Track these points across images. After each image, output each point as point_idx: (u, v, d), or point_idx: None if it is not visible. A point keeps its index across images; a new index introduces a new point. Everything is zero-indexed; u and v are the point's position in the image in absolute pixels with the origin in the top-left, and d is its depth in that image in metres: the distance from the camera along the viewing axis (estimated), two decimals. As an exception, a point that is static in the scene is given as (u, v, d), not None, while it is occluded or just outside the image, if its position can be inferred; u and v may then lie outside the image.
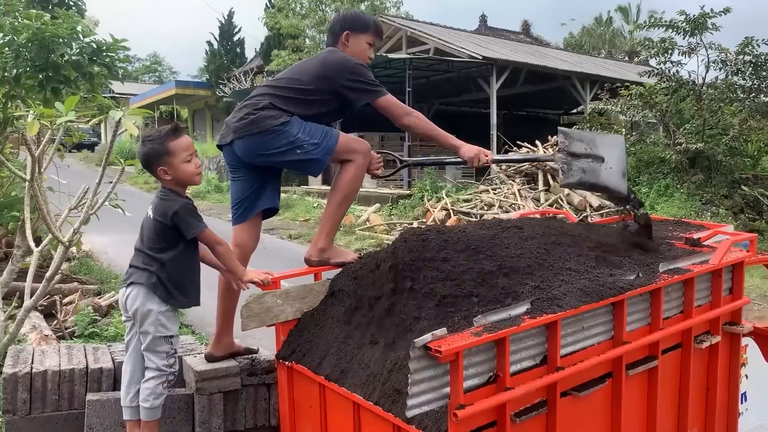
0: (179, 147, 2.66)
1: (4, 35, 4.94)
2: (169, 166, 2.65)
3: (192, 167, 2.69)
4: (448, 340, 1.88)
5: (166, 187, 2.70)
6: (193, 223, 2.62)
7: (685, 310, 2.68)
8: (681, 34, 12.96)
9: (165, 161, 2.64)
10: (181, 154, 2.66)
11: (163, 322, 2.61)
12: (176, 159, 2.65)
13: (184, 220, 2.60)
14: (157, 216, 2.65)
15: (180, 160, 2.65)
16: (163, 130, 2.70)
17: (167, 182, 2.69)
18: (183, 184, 2.72)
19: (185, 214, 2.61)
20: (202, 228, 2.64)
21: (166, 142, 2.64)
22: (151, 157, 2.66)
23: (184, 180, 2.70)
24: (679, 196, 12.31)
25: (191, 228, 2.60)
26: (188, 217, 2.61)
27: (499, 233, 2.59)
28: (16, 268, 5.42)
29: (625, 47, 37.30)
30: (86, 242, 9.71)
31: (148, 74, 57.78)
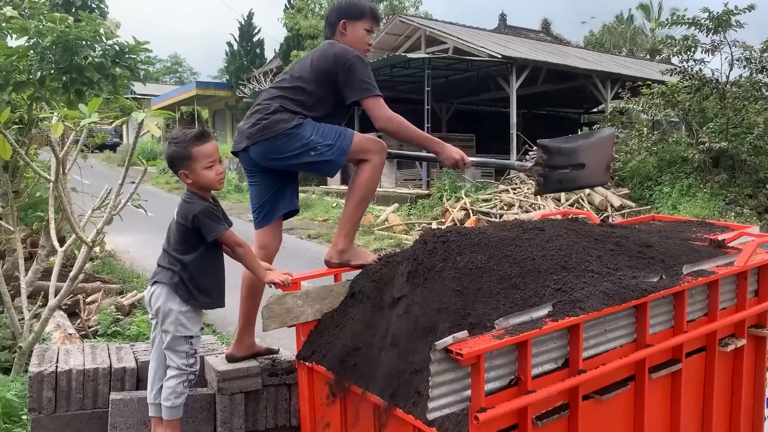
0: (201, 153, 2.68)
1: (29, 38, 5.01)
2: (190, 170, 2.68)
3: (212, 174, 2.71)
4: (470, 342, 1.88)
5: (189, 190, 2.74)
6: (213, 226, 2.65)
7: (709, 313, 2.64)
8: (704, 31, 12.79)
9: (187, 165, 2.68)
10: (203, 161, 2.68)
11: (183, 321, 2.64)
12: (197, 164, 2.68)
13: (204, 223, 2.63)
14: (180, 219, 2.69)
15: (201, 166, 2.68)
16: (188, 134, 2.74)
17: (189, 185, 2.73)
18: (204, 188, 2.75)
19: (205, 217, 2.64)
20: (222, 230, 2.67)
21: (189, 147, 2.68)
22: (175, 160, 2.71)
23: (204, 185, 2.72)
24: (702, 195, 12.15)
25: (211, 231, 2.64)
26: (208, 220, 2.64)
27: (520, 235, 2.57)
28: (41, 268, 5.51)
29: (647, 45, 36.90)
30: (109, 242, 9.83)
31: (169, 75, 58.33)
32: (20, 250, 5.32)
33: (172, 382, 2.64)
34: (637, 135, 14.07)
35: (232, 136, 32.26)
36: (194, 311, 2.72)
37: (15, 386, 3.92)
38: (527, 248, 2.46)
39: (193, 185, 2.71)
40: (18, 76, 5.04)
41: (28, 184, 7.50)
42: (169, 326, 2.67)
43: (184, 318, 2.66)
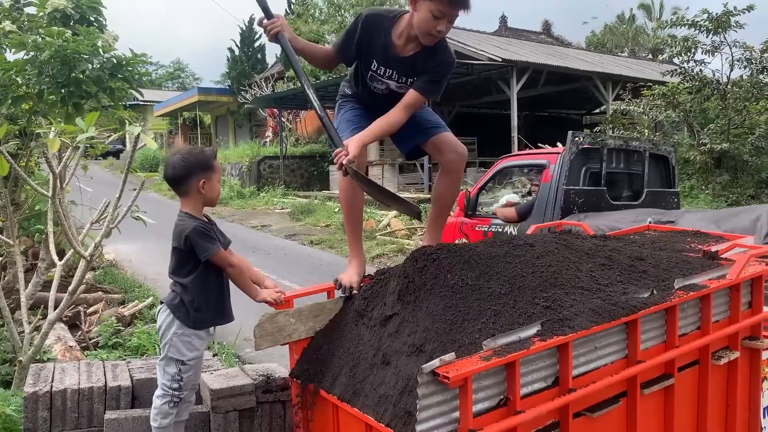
0: (218, 169, 2.80)
1: (27, 52, 5.04)
2: (208, 180, 2.74)
3: (219, 189, 2.82)
4: (457, 365, 1.88)
5: (182, 211, 2.74)
6: (205, 246, 2.65)
7: (702, 326, 2.64)
8: (704, 32, 12.77)
9: (207, 175, 2.73)
10: (218, 175, 2.79)
11: (176, 344, 2.65)
12: (215, 177, 2.76)
13: (196, 242, 2.64)
14: (173, 242, 2.71)
15: (217, 179, 2.78)
16: (207, 149, 2.85)
17: (193, 199, 2.74)
18: (209, 202, 2.79)
19: (196, 236, 2.64)
20: (214, 250, 2.67)
21: (212, 160, 2.78)
22: (196, 167, 2.72)
23: (212, 198, 2.78)
24: (705, 197, 12.13)
25: (204, 250, 2.64)
26: (200, 240, 2.65)
27: (511, 251, 2.57)
28: (41, 281, 5.53)
29: (649, 45, 36.84)
30: (110, 251, 9.87)
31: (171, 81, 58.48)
32: (20, 263, 5.35)
33: (158, 401, 2.66)
34: (639, 136, 14.03)
35: (235, 141, 32.38)
36: (193, 335, 2.71)
37: (15, 401, 3.93)
38: (517, 265, 2.46)
39: (200, 198, 2.74)
40: (16, 90, 5.07)
41: (29, 195, 7.54)
42: (164, 345, 2.70)
43: (179, 341, 2.66)
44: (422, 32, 2.78)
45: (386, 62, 2.96)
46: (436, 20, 2.71)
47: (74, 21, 5.98)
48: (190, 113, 34.45)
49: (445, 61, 2.95)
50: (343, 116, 3.15)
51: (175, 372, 2.66)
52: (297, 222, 16.30)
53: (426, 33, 2.77)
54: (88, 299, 7.30)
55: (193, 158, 2.72)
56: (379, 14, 2.95)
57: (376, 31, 2.91)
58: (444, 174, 3.16)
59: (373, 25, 2.91)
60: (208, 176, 2.73)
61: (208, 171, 2.73)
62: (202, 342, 2.73)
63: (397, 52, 2.92)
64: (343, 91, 3.27)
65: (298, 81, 2.99)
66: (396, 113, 2.87)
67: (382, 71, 2.98)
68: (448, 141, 3.07)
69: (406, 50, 2.92)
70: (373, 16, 2.94)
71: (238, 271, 2.73)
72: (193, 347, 2.69)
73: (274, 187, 22.35)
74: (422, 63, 2.92)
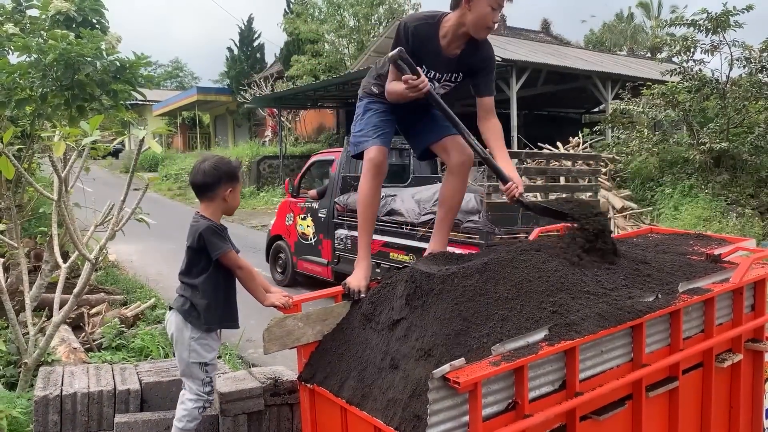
0: (241, 181, 2.94)
1: (30, 55, 5.05)
2: (234, 190, 2.83)
3: (239, 200, 2.92)
4: (467, 370, 1.91)
5: (199, 214, 2.81)
6: (217, 244, 2.71)
7: (705, 330, 2.67)
8: (703, 32, 12.79)
9: (233, 185, 2.83)
10: (240, 186, 2.90)
11: (195, 348, 2.69)
12: (238, 187, 2.87)
13: (209, 240, 2.69)
14: (187, 241, 2.76)
15: (239, 190, 2.88)
16: (234, 160, 2.99)
17: (215, 205, 2.81)
18: (228, 210, 2.88)
19: (209, 235, 2.70)
20: (226, 249, 2.73)
21: (239, 171, 2.89)
22: (225, 176, 2.81)
23: (233, 207, 2.87)
24: (704, 196, 12.14)
25: (216, 249, 2.70)
26: (212, 238, 2.71)
27: (517, 256, 2.60)
28: (45, 283, 5.55)
29: (647, 43, 36.87)
30: (112, 251, 9.87)
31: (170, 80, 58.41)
32: (24, 266, 5.36)
33: (190, 405, 2.69)
34: (638, 136, 14.06)
35: (234, 141, 32.35)
36: (208, 337, 2.76)
37: (21, 402, 3.95)
38: (523, 270, 2.49)
39: (223, 204, 2.83)
40: (20, 93, 5.08)
41: (32, 198, 7.56)
42: (183, 353, 2.73)
43: (197, 344, 2.71)
44: (480, 27, 2.89)
45: (435, 66, 3.04)
46: (494, 12, 2.84)
47: (77, 23, 6.00)
48: (189, 113, 34.43)
49: (490, 56, 3.10)
50: (370, 119, 3.15)
51: (204, 375, 2.71)
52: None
53: (484, 27, 2.89)
54: (91, 300, 7.31)
55: (224, 167, 2.81)
56: (425, 22, 2.98)
57: (426, 39, 2.96)
58: (451, 176, 3.20)
59: (422, 34, 2.96)
60: (234, 186, 2.83)
61: (234, 181, 2.83)
62: (216, 342, 2.79)
63: (445, 54, 3.01)
64: (370, 89, 3.26)
65: (456, 130, 3.01)
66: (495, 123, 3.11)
67: (432, 74, 3.05)
68: (456, 143, 3.11)
69: (451, 50, 3.00)
70: (420, 26, 2.97)
71: (247, 273, 2.77)
72: (210, 348, 2.75)
73: (274, 187, 22.34)
74: (467, 59, 3.03)
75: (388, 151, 3.17)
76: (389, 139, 3.16)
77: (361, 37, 24.99)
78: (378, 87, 3.20)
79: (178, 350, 2.73)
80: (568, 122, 24.35)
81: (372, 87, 3.24)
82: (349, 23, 25.00)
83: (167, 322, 2.81)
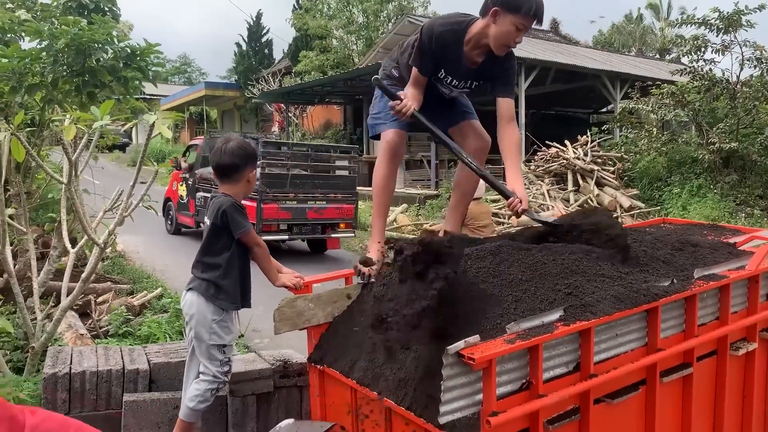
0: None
1: (42, 41, 5.05)
2: (253, 173, 2.87)
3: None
4: (481, 347, 1.89)
5: (220, 191, 2.83)
6: (241, 222, 2.73)
7: (720, 317, 2.64)
8: (714, 31, 12.72)
9: (255, 166, 2.90)
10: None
11: (215, 330, 2.69)
12: (257, 172, 2.91)
13: (232, 217, 2.70)
14: (209, 218, 2.77)
15: (257, 174, 2.83)
16: (251, 142, 3.12)
17: (239, 186, 2.82)
18: (249, 192, 2.94)
19: (233, 211, 2.71)
20: (249, 227, 2.76)
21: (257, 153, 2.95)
22: (252, 157, 2.85)
23: (251, 188, 2.94)
24: (713, 196, 12.09)
25: (239, 226, 2.71)
26: (236, 215, 2.72)
27: (531, 241, 2.57)
28: (53, 269, 5.55)
29: (656, 44, 36.73)
30: (119, 242, 9.89)
31: (178, 75, 58.52)
32: (32, 251, 5.36)
33: (203, 386, 2.68)
34: (647, 135, 14.01)
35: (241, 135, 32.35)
36: (228, 319, 2.77)
37: (28, 386, 3.95)
38: (538, 253, 2.46)
39: (246, 187, 2.86)
40: (31, 78, 5.08)
41: (40, 185, 7.57)
42: (203, 334, 2.72)
43: (218, 327, 2.72)
44: (501, 44, 2.83)
45: (455, 72, 3.00)
46: (518, 32, 2.78)
47: (89, 11, 6.01)
48: (196, 107, 34.49)
49: (511, 65, 3.01)
50: (388, 102, 3.11)
51: (222, 356, 2.71)
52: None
53: (504, 45, 2.84)
54: (98, 289, 7.33)
55: (249, 148, 2.85)
56: (451, 28, 2.92)
57: (450, 45, 2.92)
58: None
59: (447, 40, 2.91)
60: (255, 167, 2.88)
61: (256, 162, 2.88)
62: (234, 324, 2.79)
63: (467, 62, 2.96)
64: (390, 71, 3.22)
65: (444, 146, 3.02)
66: (514, 132, 2.99)
67: (449, 80, 3.02)
68: (474, 127, 3.09)
69: (473, 57, 2.95)
70: (445, 32, 2.91)
71: (265, 251, 2.78)
72: (229, 330, 2.76)
73: (281, 182, 22.33)
74: (489, 69, 2.98)
75: (407, 135, 3.15)
76: (407, 123, 3.13)
77: (370, 34, 24.99)
78: (397, 70, 3.18)
79: (198, 332, 2.71)
80: (577, 122, 24.29)
81: (392, 70, 3.21)
82: (357, 19, 24.99)
83: (185, 303, 2.78)
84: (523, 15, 2.74)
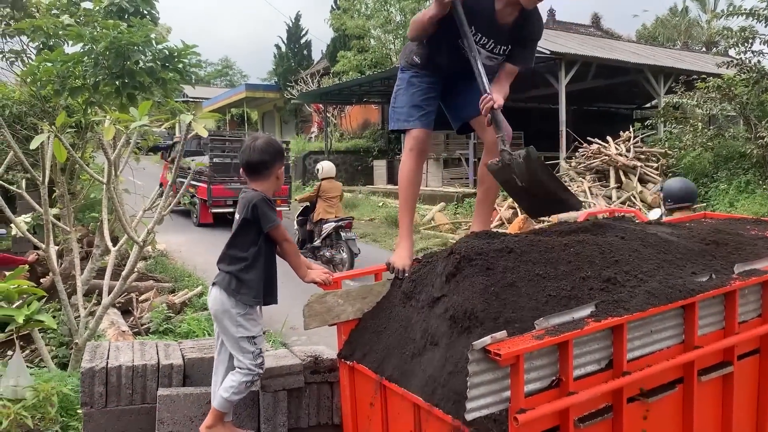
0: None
1: (84, 45, 5.18)
2: (282, 169, 2.92)
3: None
4: (508, 343, 1.86)
5: (249, 187, 2.86)
6: (271, 216, 2.75)
7: (763, 314, 2.54)
8: (763, 22, 12.30)
9: (283, 163, 2.93)
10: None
11: (241, 323, 2.72)
12: (283, 172, 2.94)
13: (263, 212, 2.72)
14: (239, 212, 2.80)
15: (283, 173, 2.95)
16: (278, 140, 3.13)
17: (269, 183, 2.86)
18: (278, 189, 2.98)
19: (263, 206, 2.73)
20: (278, 222, 2.78)
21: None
22: (280, 154, 2.89)
23: (278, 187, 2.96)
24: (762, 192, 11.69)
25: (269, 220, 2.73)
26: (267, 209, 2.74)
27: (565, 236, 2.52)
28: (96, 267, 5.69)
29: (702, 38, 35.76)
30: (161, 241, 10.11)
31: (219, 78, 59.48)
32: (76, 250, 5.51)
33: (238, 377, 2.71)
34: (692, 130, 13.62)
35: (281, 136, 32.71)
36: (253, 312, 2.79)
37: (72, 381, 4.06)
38: (572, 248, 2.41)
39: (276, 184, 2.90)
40: (73, 81, 5.21)
41: (84, 185, 7.78)
42: (230, 328, 2.74)
43: (243, 319, 2.74)
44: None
45: (488, 31, 2.91)
46: None
47: (128, 14, 6.13)
48: (237, 109, 34.97)
49: (539, 27, 3.01)
50: (413, 96, 3.07)
51: (253, 348, 2.74)
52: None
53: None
54: (140, 287, 7.50)
55: (276, 145, 2.89)
56: None
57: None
58: (488, 154, 3.11)
59: None
60: (283, 165, 2.91)
61: (283, 160, 2.91)
62: (260, 317, 2.81)
63: (498, 19, 2.89)
64: (412, 59, 3.13)
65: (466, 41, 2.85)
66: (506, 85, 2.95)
67: (484, 41, 2.92)
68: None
69: (504, 16, 2.89)
70: None
71: (294, 247, 2.80)
72: (256, 322, 2.78)
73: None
74: (519, 31, 2.94)
75: (432, 133, 3.12)
76: (433, 119, 3.09)
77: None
78: (420, 57, 3.08)
79: (225, 326, 2.74)
80: (619, 118, 23.82)
81: (414, 57, 3.11)
82: (395, 18, 24.95)
83: (210, 298, 2.81)
84: None
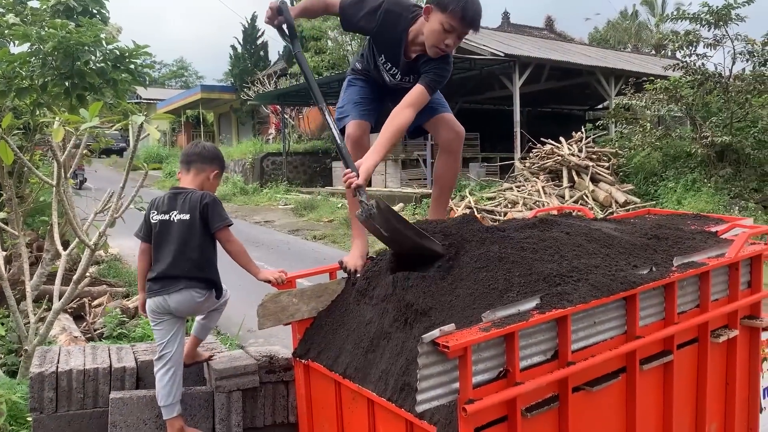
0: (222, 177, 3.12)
1: (31, 45, 5.06)
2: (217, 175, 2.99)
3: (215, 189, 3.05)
4: (456, 335, 1.90)
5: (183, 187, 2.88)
6: (222, 215, 2.79)
7: (701, 304, 2.65)
8: (705, 26, 12.76)
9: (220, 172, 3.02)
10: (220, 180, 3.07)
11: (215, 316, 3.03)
12: (220, 178, 3.03)
13: (213, 210, 2.73)
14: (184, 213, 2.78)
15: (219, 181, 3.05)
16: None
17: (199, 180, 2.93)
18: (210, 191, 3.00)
19: (216, 205, 2.77)
20: (229, 221, 2.81)
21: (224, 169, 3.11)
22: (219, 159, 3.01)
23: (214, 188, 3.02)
24: (707, 190, 12.11)
25: (219, 220, 2.73)
26: (218, 208, 2.78)
27: (510, 233, 2.59)
28: (46, 272, 5.57)
29: (652, 41, 36.79)
30: (114, 246, 9.90)
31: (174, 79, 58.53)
32: (25, 255, 5.38)
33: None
34: (641, 131, 14.03)
35: (238, 138, 32.39)
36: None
37: (21, 389, 3.97)
38: (517, 243, 2.48)
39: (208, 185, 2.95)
40: (20, 82, 5.09)
41: (33, 189, 7.58)
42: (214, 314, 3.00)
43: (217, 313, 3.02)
44: (431, 44, 2.78)
45: (392, 59, 3.00)
46: (445, 33, 2.71)
47: (77, 13, 6.01)
48: (193, 111, 34.49)
49: (445, 68, 2.93)
50: (351, 95, 3.16)
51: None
52: (300, 218, 16.34)
53: (433, 45, 2.78)
54: (93, 292, 7.35)
55: (219, 153, 3.02)
56: (400, 12, 2.89)
57: (393, 26, 2.89)
58: (442, 154, 3.20)
59: (392, 19, 2.88)
60: (220, 173, 2.98)
61: (222, 170, 3.01)
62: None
63: (403, 52, 2.95)
64: (354, 65, 3.28)
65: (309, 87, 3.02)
66: (402, 116, 2.79)
67: (388, 66, 3.04)
68: (446, 120, 3.10)
69: (411, 51, 2.94)
70: (393, 13, 2.88)
71: (241, 247, 2.79)
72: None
73: (277, 184, 22.39)
74: (423, 65, 2.93)
75: (370, 125, 3.11)
76: (369, 113, 3.11)
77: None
78: (361, 63, 3.22)
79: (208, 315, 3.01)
80: (573, 119, 24.32)
81: (356, 63, 3.26)
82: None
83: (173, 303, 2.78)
84: (450, 14, 2.67)
